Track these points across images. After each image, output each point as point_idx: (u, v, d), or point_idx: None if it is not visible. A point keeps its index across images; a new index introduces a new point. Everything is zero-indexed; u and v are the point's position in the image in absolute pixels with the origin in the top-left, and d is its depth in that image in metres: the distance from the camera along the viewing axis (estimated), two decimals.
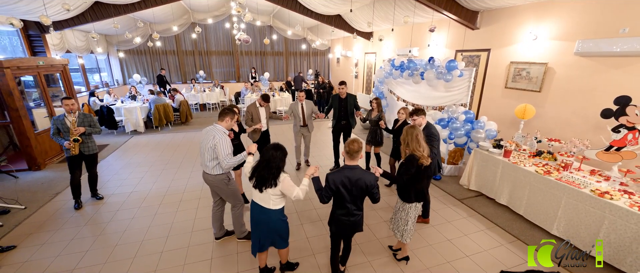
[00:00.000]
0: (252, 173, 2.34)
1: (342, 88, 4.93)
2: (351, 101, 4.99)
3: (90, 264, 2.93)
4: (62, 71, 6.27)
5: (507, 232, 3.53)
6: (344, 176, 2.24)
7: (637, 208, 2.68)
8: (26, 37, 7.05)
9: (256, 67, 13.60)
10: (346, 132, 5.24)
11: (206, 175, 2.93)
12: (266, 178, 2.24)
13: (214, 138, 2.72)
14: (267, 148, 2.28)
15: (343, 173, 2.25)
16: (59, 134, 3.74)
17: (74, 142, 3.70)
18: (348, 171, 2.25)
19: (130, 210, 3.94)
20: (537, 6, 4.78)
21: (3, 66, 4.60)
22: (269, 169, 2.24)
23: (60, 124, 3.70)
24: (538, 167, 3.63)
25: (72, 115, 3.75)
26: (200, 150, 2.86)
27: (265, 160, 2.25)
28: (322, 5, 8.07)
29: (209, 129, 2.82)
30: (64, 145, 3.69)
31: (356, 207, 2.34)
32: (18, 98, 4.90)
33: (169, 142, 7.09)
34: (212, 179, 2.91)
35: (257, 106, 4.51)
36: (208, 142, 2.75)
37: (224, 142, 2.74)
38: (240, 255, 3.08)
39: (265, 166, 2.24)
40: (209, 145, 2.74)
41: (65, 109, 3.70)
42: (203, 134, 2.85)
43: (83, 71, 9.71)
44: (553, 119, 4.70)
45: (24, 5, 5.49)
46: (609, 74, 3.94)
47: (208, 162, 2.83)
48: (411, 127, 2.70)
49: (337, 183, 2.23)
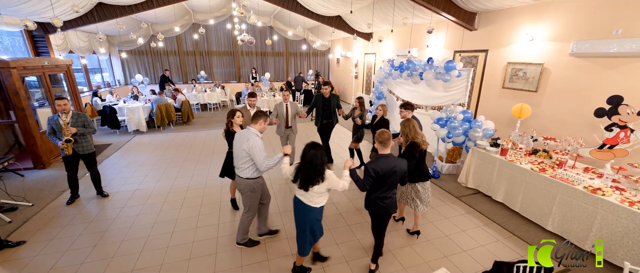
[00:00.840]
0: (295, 175, 2.40)
1: (326, 88, 5.04)
2: (334, 101, 5.14)
3: (98, 258, 3.01)
4: (66, 71, 6.36)
5: (503, 228, 3.62)
6: (382, 164, 2.44)
7: (628, 203, 2.77)
8: (30, 38, 7.14)
9: (257, 68, 13.70)
10: (329, 130, 5.34)
11: (238, 178, 2.90)
12: (313, 177, 2.32)
13: (248, 141, 2.70)
14: (306, 149, 2.35)
15: (380, 161, 2.45)
16: (54, 134, 3.79)
17: (66, 142, 3.75)
18: (384, 159, 2.47)
19: (135, 207, 4.03)
20: (533, 8, 4.89)
21: (10, 66, 4.69)
22: (314, 168, 2.31)
23: (55, 123, 3.75)
24: (533, 165, 3.73)
25: (65, 115, 3.79)
26: (236, 154, 2.85)
27: (307, 161, 2.31)
28: (322, 6, 8.17)
29: (242, 132, 2.81)
30: (59, 145, 3.76)
31: (391, 191, 2.56)
32: (24, 97, 4.98)
33: (171, 142, 7.17)
34: (241, 182, 2.88)
35: (247, 108, 4.43)
36: (242, 145, 2.73)
37: (259, 145, 2.73)
38: (243, 250, 3.16)
39: (310, 166, 2.31)
40: (243, 147, 2.73)
41: (58, 109, 3.73)
42: (237, 137, 2.84)
43: (85, 71, 9.79)
44: (549, 118, 4.80)
45: (29, 6, 5.58)
46: (603, 74, 4.04)
47: (241, 165, 2.80)
48: (407, 120, 3.07)
49: (377, 170, 2.42)
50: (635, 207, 2.71)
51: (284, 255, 3.09)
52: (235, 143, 2.84)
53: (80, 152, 3.98)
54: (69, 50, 8.40)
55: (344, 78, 13.47)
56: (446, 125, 5.00)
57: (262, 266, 2.93)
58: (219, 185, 4.69)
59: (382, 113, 4.57)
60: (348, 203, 4.21)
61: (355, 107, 5.04)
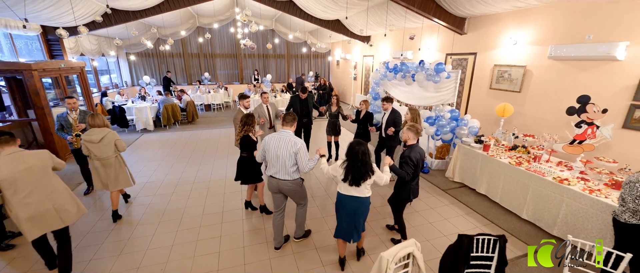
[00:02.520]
0: (345, 174, 2.52)
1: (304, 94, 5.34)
2: (310, 101, 5.48)
3: (115, 240, 3.38)
4: (80, 73, 6.78)
5: (483, 216, 3.95)
6: (416, 152, 2.89)
7: (588, 191, 3.09)
8: (46, 41, 7.57)
9: (259, 69, 14.09)
10: (307, 128, 5.67)
11: (284, 182, 2.88)
12: (365, 172, 2.47)
13: (296, 145, 2.76)
14: (352, 147, 2.49)
15: (414, 150, 2.90)
16: (62, 130, 4.16)
17: (76, 136, 4.15)
18: (415, 148, 2.92)
19: (146, 198, 4.40)
20: (516, 14, 5.22)
21: (32, 68, 5.09)
22: (364, 165, 2.46)
23: (64, 120, 4.14)
24: (512, 159, 4.05)
25: (74, 113, 4.18)
26: (277, 158, 2.81)
27: (358, 159, 2.45)
28: (321, 11, 8.55)
29: (281, 136, 2.82)
30: (68, 140, 4.15)
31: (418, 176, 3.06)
32: (43, 97, 5.39)
33: (177, 140, 7.56)
34: (290, 184, 2.88)
35: (242, 111, 4.39)
36: (289, 149, 2.76)
37: (304, 147, 2.83)
38: (245, 233, 3.52)
39: (361, 164, 2.45)
40: (291, 151, 2.75)
41: (68, 107, 4.12)
42: (275, 141, 2.82)
43: (95, 73, 10.23)
44: (531, 117, 5.12)
45: (48, 12, 6.00)
46: (578, 76, 4.36)
47: (289, 168, 2.82)
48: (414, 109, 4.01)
49: (416, 157, 2.86)
50: (594, 195, 3.03)
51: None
52: (276, 149, 2.80)
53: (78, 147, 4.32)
54: (80, 52, 8.83)
55: (344, 79, 13.83)
56: (435, 124, 5.33)
57: (261, 247, 3.28)
58: (222, 179, 5.06)
59: (365, 108, 5.04)
60: None
61: (332, 104, 5.53)
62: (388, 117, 4.55)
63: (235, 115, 4.43)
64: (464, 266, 2.21)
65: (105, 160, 3.52)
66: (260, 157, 3.05)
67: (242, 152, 3.65)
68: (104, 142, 3.44)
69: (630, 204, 2.28)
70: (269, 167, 2.94)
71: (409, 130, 2.96)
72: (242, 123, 3.56)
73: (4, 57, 6.52)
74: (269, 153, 2.85)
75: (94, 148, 3.42)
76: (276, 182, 2.90)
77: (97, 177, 3.60)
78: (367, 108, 5.07)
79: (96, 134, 3.41)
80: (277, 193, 2.99)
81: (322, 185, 4.85)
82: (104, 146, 3.45)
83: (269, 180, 2.98)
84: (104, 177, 3.58)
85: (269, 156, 2.87)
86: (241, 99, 4.55)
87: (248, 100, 4.62)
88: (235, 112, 4.45)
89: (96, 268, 2.95)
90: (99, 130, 3.44)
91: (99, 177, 3.59)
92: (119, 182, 3.67)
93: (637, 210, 2.25)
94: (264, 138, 2.95)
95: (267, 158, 2.92)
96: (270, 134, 2.92)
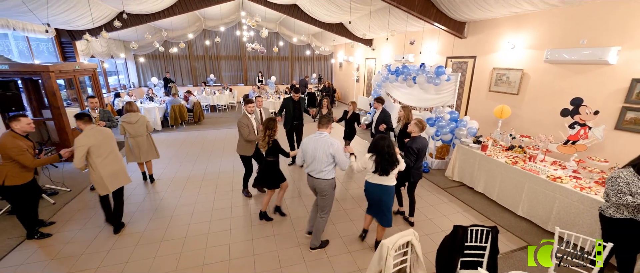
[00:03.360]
0: (376, 167, 2.86)
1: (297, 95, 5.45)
2: (302, 103, 5.61)
3: (133, 231, 3.59)
4: (92, 74, 7.04)
5: (480, 213, 4.12)
6: (418, 143, 3.42)
7: (579, 189, 3.26)
8: (59, 44, 7.86)
9: (263, 71, 14.35)
10: (299, 130, 5.70)
11: (319, 181, 3.01)
12: (392, 163, 2.84)
13: (332, 145, 2.90)
14: (377, 142, 2.85)
15: (417, 141, 3.42)
16: None
17: None
18: (418, 139, 3.45)
19: (159, 193, 4.61)
20: (514, 18, 5.40)
21: (49, 70, 5.34)
22: (391, 156, 2.83)
23: None
24: (508, 159, 4.22)
25: (94, 112, 4.58)
26: (313, 159, 2.95)
27: (384, 153, 2.81)
28: (325, 15, 8.78)
29: (317, 138, 2.95)
30: None
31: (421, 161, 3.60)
32: (59, 97, 5.64)
33: (184, 139, 7.79)
34: (325, 184, 3.01)
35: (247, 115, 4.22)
36: (326, 150, 2.89)
37: (341, 147, 2.97)
38: (254, 224, 3.71)
39: (389, 155, 2.81)
40: (328, 152, 2.89)
41: (90, 105, 4.68)
42: (312, 142, 2.96)
43: (104, 74, 10.52)
44: (529, 119, 5.29)
45: (63, 16, 6.27)
46: (573, 79, 4.53)
47: (324, 168, 2.95)
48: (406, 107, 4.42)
49: (418, 147, 3.40)
50: (585, 192, 3.20)
51: (288, 232, 3.64)
52: (314, 150, 2.94)
53: None
54: (90, 54, 9.12)
55: (346, 81, 14.04)
56: (435, 125, 5.51)
57: (268, 240, 3.48)
58: (230, 175, 5.27)
59: (352, 108, 5.49)
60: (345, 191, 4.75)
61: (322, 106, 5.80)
62: (379, 115, 4.98)
63: (240, 119, 4.19)
64: (458, 255, 2.39)
65: (139, 138, 4.57)
66: (300, 159, 3.15)
67: (268, 157, 3.53)
68: (139, 123, 4.54)
69: (613, 198, 2.45)
70: (305, 166, 3.13)
71: (416, 125, 3.46)
72: (264, 128, 3.41)
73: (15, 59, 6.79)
74: (307, 154, 3.01)
75: (130, 128, 4.47)
76: (312, 181, 3.09)
77: (130, 153, 4.61)
78: (354, 109, 5.46)
79: (133, 117, 4.49)
80: (313, 190, 3.22)
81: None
82: (138, 126, 4.54)
83: (308, 178, 3.16)
84: (137, 150, 4.62)
85: (306, 156, 3.03)
86: (246, 104, 4.31)
87: (252, 105, 4.29)
88: (240, 116, 4.30)
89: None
90: (135, 114, 4.52)
91: (132, 152, 4.61)
92: (150, 154, 4.76)
93: (620, 204, 2.42)
94: (303, 139, 3.16)
95: (304, 158, 3.08)
96: (309, 136, 3.05)
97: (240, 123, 4.14)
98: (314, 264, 3.09)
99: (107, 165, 3.30)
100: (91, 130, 3.22)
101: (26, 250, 3.25)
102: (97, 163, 3.21)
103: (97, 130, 3.28)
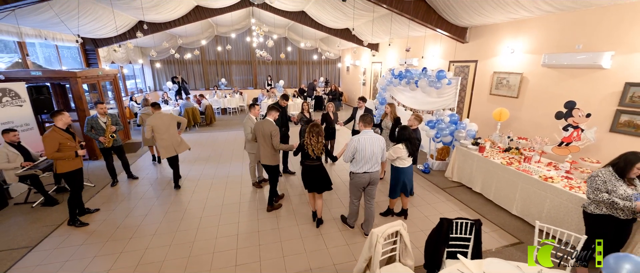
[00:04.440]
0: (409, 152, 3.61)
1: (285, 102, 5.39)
2: (286, 111, 5.52)
3: (152, 222, 3.95)
4: (113, 79, 7.56)
5: (476, 212, 4.28)
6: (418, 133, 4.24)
7: (569, 188, 3.41)
8: (84, 51, 8.46)
9: (272, 75, 14.78)
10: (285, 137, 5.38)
11: (375, 173, 3.41)
12: (418, 147, 3.75)
13: (381, 140, 3.37)
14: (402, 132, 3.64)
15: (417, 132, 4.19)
16: (91, 131, 4.79)
17: (110, 137, 4.88)
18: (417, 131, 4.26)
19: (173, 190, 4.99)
20: (513, 24, 5.55)
21: (77, 76, 5.84)
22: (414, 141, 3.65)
23: (94, 123, 4.79)
24: (504, 160, 4.37)
25: (105, 117, 4.88)
26: (372, 154, 3.29)
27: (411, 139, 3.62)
28: (331, 21, 9.09)
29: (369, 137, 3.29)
30: (99, 140, 4.78)
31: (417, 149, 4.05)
32: (85, 101, 6.13)
33: (196, 141, 8.21)
34: (376, 176, 3.45)
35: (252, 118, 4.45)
36: (380, 144, 3.34)
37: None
38: (260, 219, 4.01)
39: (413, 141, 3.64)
40: (381, 146, 3.36)
41: (100, 111, 4.82)
42: (368, 142, 3.26)
43: (123, 79, 11.15)
44: (528, 121, 5.40)
45: (89, 26, 6.82)
46: (569, 83, 4.65)
47: (377, 160, 3.39)
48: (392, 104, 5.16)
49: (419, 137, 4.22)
50: (573, 191, 3.34)
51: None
52: (372, 147, 3.28)
53: (115, 145, 5.06)
54: (111, 61, 9.73)
55: (353, 85, 14.29)
56: (435, 127, 5.69)
57: (273, 232, 3.76)
58: (239, 175, 5.60)
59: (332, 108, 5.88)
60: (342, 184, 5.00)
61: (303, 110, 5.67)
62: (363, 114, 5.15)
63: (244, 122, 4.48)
64: (444, 245, 2.60)
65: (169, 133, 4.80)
66: (348, 157, 3.38)
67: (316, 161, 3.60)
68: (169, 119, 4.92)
69: (591, 196, 2.61)
70: (362, 165, 3.33)
71: (415, 118, 4.29)
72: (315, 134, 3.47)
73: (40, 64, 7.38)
74: (365, 152, 3.26)
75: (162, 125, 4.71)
76: (369, 176, 3.40)
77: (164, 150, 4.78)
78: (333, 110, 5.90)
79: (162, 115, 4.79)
80: (366, 186, 3.49)
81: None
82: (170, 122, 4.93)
83: (361, 176, 3.38)
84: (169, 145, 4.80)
85: (364, 155, 3.27)
86: (251, 108, 4.55)
87: (257, 108, 4.58)
88: (245, 119, 4.51)
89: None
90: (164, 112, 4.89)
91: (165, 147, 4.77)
92: (182, 146, 5.02)
93: (597, 201, 2.58)
94: (353, 140, 3.31)
95: (360, 157, 3.29)
96: (357, 137, 3.29)
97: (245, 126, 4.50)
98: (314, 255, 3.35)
99: (163, 141, 4.65)
100: (158, 114, 4.65)
101: (59, 236, 3.65)
102: (157, 138, 4.63)
103: (161, 114, 4.66)
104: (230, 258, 3.26)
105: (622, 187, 2.53)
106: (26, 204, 4.44)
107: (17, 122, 5.27)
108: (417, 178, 5.45)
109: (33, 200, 4.47)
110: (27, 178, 4.32)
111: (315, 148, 3.48)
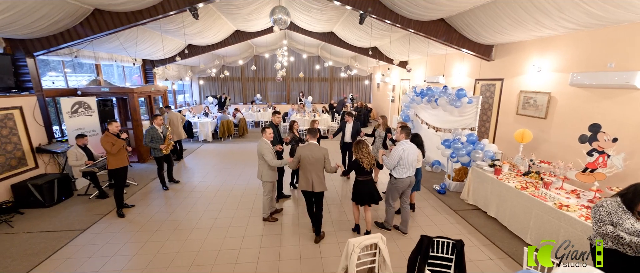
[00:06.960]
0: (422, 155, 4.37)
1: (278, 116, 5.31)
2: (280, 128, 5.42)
3: (177, 218, 4.55)
4: (163, 94, 8.79)
5: (485, 237, 4.06)
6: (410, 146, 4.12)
7: (584, 218, 3.12)
8: (144, 70, 10.00)
9: (304, 91, 15.50)
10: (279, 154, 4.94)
11: (411, 177, 3.96)
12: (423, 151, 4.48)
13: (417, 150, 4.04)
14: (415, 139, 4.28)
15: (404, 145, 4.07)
16: (151, 141, 5.56)
17: (170, 143, 5.60)
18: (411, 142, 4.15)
19: (196, 193, 5.61)
20: (539, 42, 5.27)
21: (134, 91, 6.99)
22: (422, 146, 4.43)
23: (154, 133, 5.58)
24: (519, 184, 4.12)
25: (160, 127, 5.65)
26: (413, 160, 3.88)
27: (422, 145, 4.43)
28: (356, 40, 9.44)
29: (409, 146, 3.87)
30: (160, 148, 5.53)
31: None
32: (139, 112, 7.26)
33: (229, 150, 9.00)
34: (414, 179, 4.04)
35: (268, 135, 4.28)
36: (417, 152, 3.98)
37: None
38: (266, 224, 4.32)
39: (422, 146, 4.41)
40: (418, 154, 4.06)
41: (157, 123, 5.61)
42: (410, 152, 3.84)
43: (173, 93, 12.75)
44: (557, 144, 4.99)
45: (146, 50, 8.12)
46: (601, 103, 4.26)
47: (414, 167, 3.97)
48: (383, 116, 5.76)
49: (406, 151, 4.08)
50: (589, 222, 3.06)
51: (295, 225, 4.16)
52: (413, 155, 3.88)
53: (167, 153, 5.80)
54: (165, 78, 11.27)
55: (383, 101, 14.27)
56: (451, 146, 5.54)
57: (275, 238, 4.04)
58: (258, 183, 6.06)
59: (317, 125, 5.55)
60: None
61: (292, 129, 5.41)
62: (353, 127, 6.00)
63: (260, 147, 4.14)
64: (423, 263, 2.61)
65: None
66: (393, 164, 3.87)
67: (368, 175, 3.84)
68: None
69: (594, 227, 2.42)
70: (405, 170, 3.88)
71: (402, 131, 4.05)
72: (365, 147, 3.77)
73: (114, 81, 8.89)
74: (408, 160, 3.84)
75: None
76: (409, 179, 3.96)
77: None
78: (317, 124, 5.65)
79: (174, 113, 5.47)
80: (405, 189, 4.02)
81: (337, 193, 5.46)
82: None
83: (403, 180, 3.92)
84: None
85: (407, 162, 3.84)
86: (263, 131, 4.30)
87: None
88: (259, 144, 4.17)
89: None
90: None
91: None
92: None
93: (600, 233, 2.38)
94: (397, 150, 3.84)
95: (403, 164, 3.84)
96: (401, 147, 3.85)
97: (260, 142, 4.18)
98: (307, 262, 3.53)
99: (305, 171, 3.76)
100: (308, 144, 3.82)
101: (103, 223, 4.40)
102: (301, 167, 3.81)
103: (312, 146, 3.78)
104: (232, 257, 3.61)
105: (630, 221, 2.32)
106: (85, 196, 5.40)
107: (86, 128, 6.45)
108: (430, 197, 5.32)
109: (91, 193, 5.42)
110: (88, 174, 5.28)
111: (368, 160, 3.72)
